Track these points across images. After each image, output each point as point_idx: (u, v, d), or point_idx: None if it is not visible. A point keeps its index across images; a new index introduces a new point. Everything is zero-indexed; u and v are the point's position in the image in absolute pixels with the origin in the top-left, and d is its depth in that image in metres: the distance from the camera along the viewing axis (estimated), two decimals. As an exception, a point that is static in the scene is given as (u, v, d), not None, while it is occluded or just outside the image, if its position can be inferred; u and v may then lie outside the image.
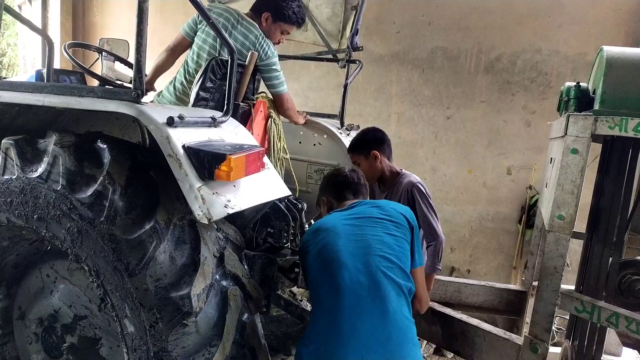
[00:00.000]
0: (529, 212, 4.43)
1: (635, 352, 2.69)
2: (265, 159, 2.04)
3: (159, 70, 2.95)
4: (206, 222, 1.65)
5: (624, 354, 3.66)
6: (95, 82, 2.82)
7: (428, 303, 2.09)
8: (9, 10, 2.17)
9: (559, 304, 1.94)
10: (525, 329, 2.90)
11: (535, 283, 2.87)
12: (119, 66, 3.14)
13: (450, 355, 3.84)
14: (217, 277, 1.83)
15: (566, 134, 1.91)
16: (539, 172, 4.42)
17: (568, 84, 2.30)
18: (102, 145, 1.82)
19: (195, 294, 1.69)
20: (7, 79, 2.94)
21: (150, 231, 1.69)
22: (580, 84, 2.23)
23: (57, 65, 4.70)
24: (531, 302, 2.92)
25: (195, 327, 1.72)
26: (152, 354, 1.72)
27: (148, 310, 1.69)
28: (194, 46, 2.80)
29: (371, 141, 2.83)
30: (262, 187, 2.00)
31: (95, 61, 3.14)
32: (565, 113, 2.30)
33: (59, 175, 1.77)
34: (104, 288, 1.79)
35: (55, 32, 5.36)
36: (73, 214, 1.76)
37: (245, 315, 1.92)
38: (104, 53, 2.86)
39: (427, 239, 2.68)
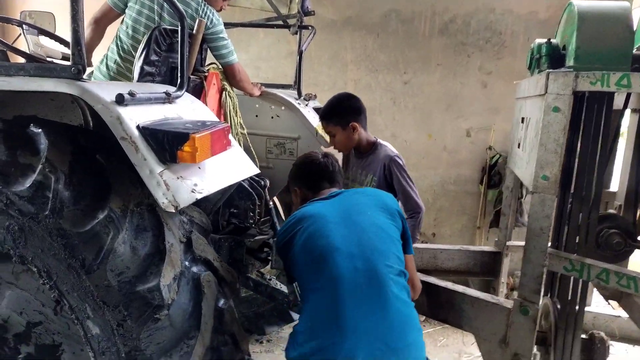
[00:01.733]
0: (489, 172, 4.46)
1: (615, 302, 2.76)
2: (230, 136, 1.87)
3: (89, 46, 2.67)
4: (173, 210, 1.50)
5: (594, 303, 3.82)
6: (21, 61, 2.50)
7: (420, 289, 2.01)
8: None
9: (546, 264, 1.91)
10: (502, 289, 2.93)
11: (509, 243, 2.88)
12: (46, 42, 2.82)
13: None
14: (187, 263, 1.70)
15: (547, 92, 1.84)
16: (497, 133, 4.44)
17: (538, 41, 2.24)
18: (36, 129, 1.59)
19: (165, 285, 1.54)
20: None
21: (105, 221, 1.52)
22: (552, 40, 2.18)
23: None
24: (506, 262, 2.97)
25: (168, 321, 1.57)
26: (123, 355, 1.57)
27: (113, 308, 1.53)
28: (126, 19, 2.56)
29: (349, 111, 2.65)
30: (229, 166, 1.86)
31: (17, 37, 2.78)
32: (537, 71, 2.25)
33: None
34: (59, 289, 1.60)
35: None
36: (11, 210, 1.54)
37: (222, 301, 1.80)
38: (25, 27, 2.53)
39: (408, 211, 2.60)
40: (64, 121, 2.26)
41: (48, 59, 2.63)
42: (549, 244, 2.31)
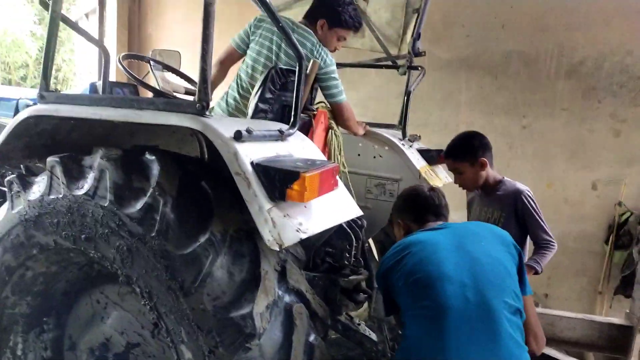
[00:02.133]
0: (618, 231, 3.97)
1: None
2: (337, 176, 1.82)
3: (213, 84, 2.82)
4: (277, 248, 1.48)
5: None
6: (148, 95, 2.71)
7: (544, 340, 1.79)
8: (67, 21, 2.08)
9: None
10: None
11: (645, 317, 2.50)
12: (172, 78, 3.04)
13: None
14: (280, 293, 1.67)
15: None
16: (630, 187, 3.96)
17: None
18: (150, 157, 1.71)
19: (258, 313, 1.54)
20: (64, 92, 2.88)
21: (206, 244, 1.55)
22: None
23: (111, 78, 4.69)
24: (638, 339, 2.58)
25: (259, 351, 1.55)
26: None
27: (207, 333, 1.54)
28: (247, 59, 2.68)
29: (478, 147, 2.64)
30: (334, 207, 1.80)
31: (147, 73, 3.04)
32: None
33: (106, 190, 1.67)
34: (158, 311, 1.65)
35: (111, 44, 5.41)
36: (122, 230, 1.64)
37: (313, 336, 1.74)
38: (152, 63, 2.74)
39: (540, 243, 2.53)
40: (183, 152, 2.40)
41: (173, 94, 2.83)
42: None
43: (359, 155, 3.22)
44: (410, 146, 3.26)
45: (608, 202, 4.05)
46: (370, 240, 3.58)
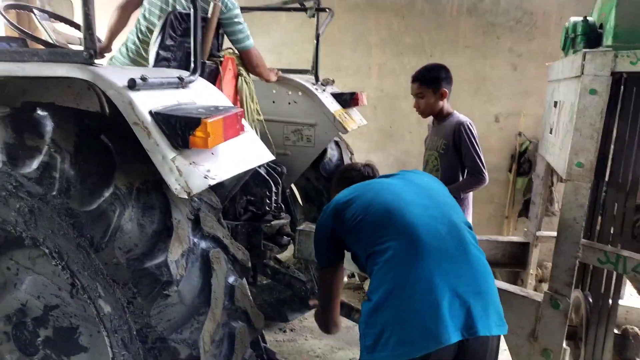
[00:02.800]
0: (519, 159, 4.31)
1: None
2: (244, 121, 1.83)
3: (112, 31, 2.66)
4: (185, 196, 1.48)
5: (627, 295, 3.66)
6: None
7: None
8: None
9: (579, 256, 1.81)
10: (531, 281, 2.82)
11: (538, 233, 2.76)
12: (65, 29, 2.82)
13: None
14: (195, 240, 1.70)
15: (583, 73, 1.72)
16: (527, 118, 4.27)
17: (573, 19, 2.10)
18: (42, 113, 1.62)
19: (173, 261, 1.55)
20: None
21: (111, 199, 1.54)
22: (588, 18, 2.04)
23: (1, 33, 4.25)
24: (535, 253, 2.85)
25: (178, 297, 1.58)
26: (135, 333, 1.59)
27: (123, 285, 1.55)
28: (145, 3, 2.50)
29: (443, 78, 2.86)
30: (243, 152, 1.82)
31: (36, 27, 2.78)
32: (572, 51, 2.12)
33: None
34: (70, 270, 1.63)
35: (-6, -3, 4.84)
36: (20, 192, 1.58)
37: (232, 278, 1.79)
38: (36, 12, 2.52)
39: (470, 172, 2.78)
40: (81, 107, 2.28)
41: (69, 46, 2.63)
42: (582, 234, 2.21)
43: (273, 102, 3.21)
44: (324, 90, 3.28)
45: (509, 133, 4.35)
46: (293, 186, 3.65)
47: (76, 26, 2.73)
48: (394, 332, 1.45)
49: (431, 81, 2.85)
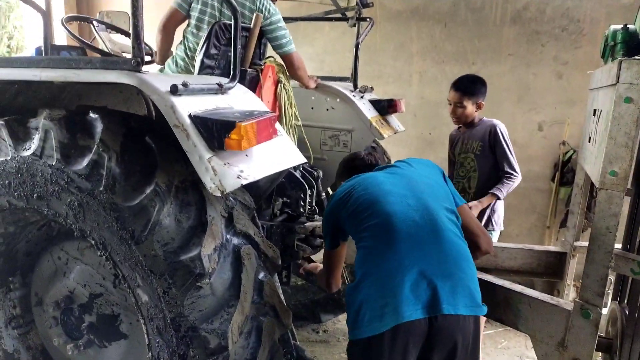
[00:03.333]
0: (562, 169, 4.19)
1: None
2: (278, 125, 1.93)
3: (162, 51, 2.83)
4: (219, 194, 1.58)
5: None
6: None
7: (490, 238, 2.08)
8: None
9: (612, 266, 1.77)
10: (567, 292, 2.75)
11: (576, 244, 2.70)
12: (120, 39, 3.02)
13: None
14: (228, 236, 1.79)
15: (618, 81, 1.70)
16: (572, 127, 4.16)
17: (613, 27, 2.07)
18: (93, 115, 1.76)
19: (206, 255, 1.65)
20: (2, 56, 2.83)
21: (152, 195, 1.65)
22: (628, 26, 2.00)
23: (62, 42, 4.57)
24: (572, 263, 2.78)
25: (210, 289, 1.68)
26: (169, 321, 1.69)
27: (159, 276, 1.66)
28: (191, 20, 2.67)
29: (483, 91, 3.02)
30: (276, 155, 1.91)
31: (94, 38, 2.99)
32: (611, 59, 2.09)
33: (53, 149, 1.73)
34: (113, 260, 1.76)
35: (59, 7, 5.20)
36: (71, 187, 1.72)
37: (262, 274, 1.87)
38: (95, 23, 2.72)
39: (504, 172, 2.93)
40: (130, 111, 2.44)
41: (122, 54, 2.82)
42: (620, 245, 2.15)
43: (312, 108, 3.30)
44: (362, 97, 3.34)
45: (553, 142, 4.24)
46: (330, 190, 3.72)
47: (129, 35, 2.91)
48: (367, 310, 1.65)
49: (473, 93, 3.00)
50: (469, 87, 3.01)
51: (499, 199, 2.95)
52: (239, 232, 1.82)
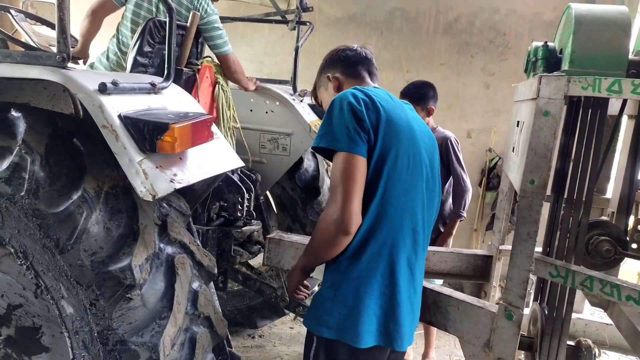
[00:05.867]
0: (488, 174, 4.43)
1: (602, 310, 2.72)
2: (214, 127, 1.89)
3: (86, 37, 2.66)
4: (150, 199, 1.51)
5: (585, 309, 3.78)
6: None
7: None
8: None
9: (532, 269, 1.89)
10: (493, 293, 2.90)
11: (501, 247, 2.85)
12: (47, 31, 2.84)
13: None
14: (161, 245, 1.72)
15: (538, 96, 1.82)
16: (498, 135, 4.40)
17: (535, 44, 2.21)
18: (16, 114, 1.64)
19: (137, 265, 1.58)
20: None
21: (79, 201, 1.55)
22: (548, 43, 2.15)
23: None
24: (498, 266, 2.93)
25: (141, 301, 1.60)
26: (96, 334, 1.60)
27: (86, 287, 1.57)
28: (126, 13, 2.56)
29: (431, 96, 3.01)
30: (212, 158, 1.86)
31: (16, 29, 2.79)
32: (533, 74, 2.23)
33: None
34: (35, 270, 1.64)
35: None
36: None
37: (196, 284, 1.81)
38: (13, 12, 2.54)
39: (457, 189, 3.00)
40: (56, 110, 2.30)
41: (50, 48, 2.65)
42: (540, 249, 2.30)
43: (251, 110, 3.26)
44: (301, 101, 3.35)
45: (480, 148, 4.47)
46: (268, 193, 3.70)
47: (54, 27, 2.74)
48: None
49: (420, 98, 2.98)
50: (416, 93, 3.00)
51: (462, 219, 3.03)
52: (173, 241, 1.76)
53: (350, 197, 1.46)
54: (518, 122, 2.40)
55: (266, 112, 3.25)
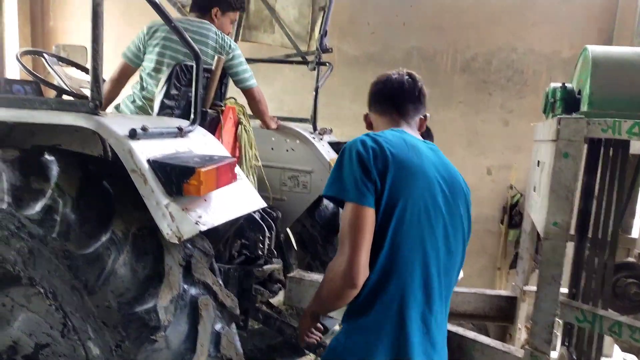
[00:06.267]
0: (510, 212, 4.38)
1: (634, 357, 2.63)
2: (238, 169, 1.93)
3: (110, 99, 2.76)
4: (176, 241, 1.54)
5: (615, 354, 3.63)
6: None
7: None
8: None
9: (558, 314, 1.85)
10: (519, 335, 2.83)
11: (526, 288, 2.80)
12: (76, 74, 2.96)
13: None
14: (185, 286, 1.72)
15: (558, 137, 1.82)
16: (518, 171, 4.38)
17: (553, 84, 2.23)
18: (49, 157, 1.69)
19: (162, 307, 1.58)
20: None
21: (108, 243, 1.58)
22: (566, 85, 2.17)
23: (18, 76, 4.45)
24: (522, 307, 2.87)
25: (165, 342, 1.59)
26: None
27: (112, 328, 1.57)
28: (147, 63, 2.63)
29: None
30: (235, 199, 1.89)
31: (48, 72, 2.92)
32: (552, 115, 2.24)
33: (4, 192, 1.63)
34: (63, 310, 1.67)
35: (12, 39, 5.07)
36: (22, 232, 1.63)
37: (219, 325, 1.80)
38: (47, 57, 2.66)
39: None
40: (87, 151, 2.38)
41: (80, 90, 2.76)
42: (566, 290, 2.25)
43: (272, 149, 3.32)
44: (321, 139, 3.40)
45: (501, 185, 4.45)
46: (289, 231, 3.71)
47: (86, 70, 2.86)
48: None
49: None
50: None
51: None
52: (197, 282, 1.76)
53: (358, 250, 1.43)
54: (538, 161, 2.40)
55: (287, 150, 3.31)
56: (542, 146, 2.32)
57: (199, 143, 1.94)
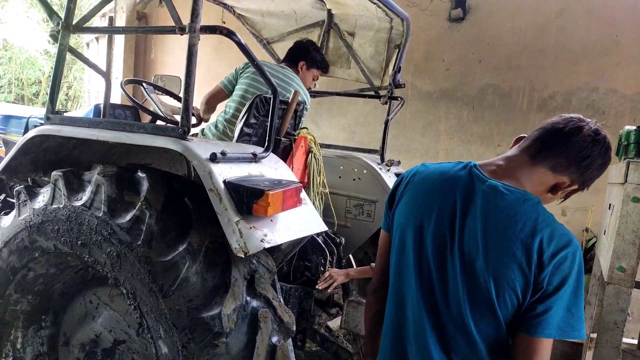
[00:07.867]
0: (585, 256, 4.16)
1: None
2: (303, 194, 2.07)
3: (202, 118, 3.19)
4: (242, 255, 1.69)
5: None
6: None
7: None
8: (73, 51, 2.33)
9: (619, 362, 1.79)
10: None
11: (593, 335, 2.67)
12: (170, 101, 3.30)
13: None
14: (248, 298, 1.86)
15: (626, 181, 1.80)
16: (595, 214, 4.17)
17: (627, 127, 2.19)
18: (141, 175, 1.94)
19: (226, 314, 1.72)
20: (68, 114, 3.14)
21: (184, 253, 1.77)
22: (641, 128, 2.13)
23: (119, 100, 4.99)
24: (589, 355, 2.73)
25: (225, 348, 1.74)
26: None
27: (181, 330, 1.75)
28: (236, 92, 2.95)
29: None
30: (299, 222, 2.03)
31: (145, 99, 3.29)
32: (624, 158, 2.19)
33: (101, 202, 1.89)
34: (140, 310, 1.87)
35: (118, 68, 5.71)
36: (113, 238, 1.87)
37: (276, 338, 1.91)
38: (145, 86, 3.02)
39: None
40: (173, 171, 2.65)
41: (171, 116, 3.09)
42: (632, 340, 2.14)
43: (340, 177, 3.45)
44: (388, 170, 3.49)
45: (576, 228, 4.24)
46: (351, 257, 3.79)
47: (178, 99, 3.20)
48: None
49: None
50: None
51: None
52: (259, 295, 1.90)
53: (376, 264, 1.60)
54: (610, 204, 2.33)
55: (354, 179, 3.41)
56: (613, 189, 2.26)
57: (271, 168, 2.10)
